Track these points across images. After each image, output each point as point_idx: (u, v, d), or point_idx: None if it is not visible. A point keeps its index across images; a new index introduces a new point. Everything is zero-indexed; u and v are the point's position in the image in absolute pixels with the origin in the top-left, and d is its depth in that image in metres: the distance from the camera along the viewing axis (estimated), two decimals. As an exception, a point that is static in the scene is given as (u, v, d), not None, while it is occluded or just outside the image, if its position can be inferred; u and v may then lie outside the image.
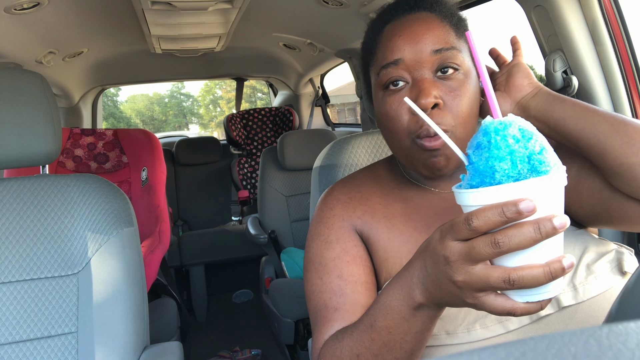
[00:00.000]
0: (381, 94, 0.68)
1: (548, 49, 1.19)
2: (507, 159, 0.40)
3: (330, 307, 0.66)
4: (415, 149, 0.65)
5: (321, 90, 3.28)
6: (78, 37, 2.06)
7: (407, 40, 0.64)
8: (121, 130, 2.12)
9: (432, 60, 0.63)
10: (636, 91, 1.13)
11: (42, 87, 0.99)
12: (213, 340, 2.41)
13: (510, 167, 0.40)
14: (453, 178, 0.72)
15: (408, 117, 0.64)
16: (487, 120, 0.43)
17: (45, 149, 0.98)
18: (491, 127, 0.42)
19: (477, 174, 0.42)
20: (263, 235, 2.11)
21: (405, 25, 0.66)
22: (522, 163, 0.40)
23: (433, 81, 0.63)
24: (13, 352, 0.89)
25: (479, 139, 0.43)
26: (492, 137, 0.42)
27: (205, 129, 26.96)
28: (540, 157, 0.41)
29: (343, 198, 0.75)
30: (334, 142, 1.08)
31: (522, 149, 0.41)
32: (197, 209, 3.18)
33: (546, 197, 0.40)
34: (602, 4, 1.11)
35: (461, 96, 0.63)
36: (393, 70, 0.65)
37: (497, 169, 0.41)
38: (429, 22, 0.65)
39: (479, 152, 0.42)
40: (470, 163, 0.43)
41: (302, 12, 1.97)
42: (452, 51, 0.64)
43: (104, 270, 0.94)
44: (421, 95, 0.61)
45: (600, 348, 0.19)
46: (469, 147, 0.45)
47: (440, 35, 0.64)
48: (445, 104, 0.63)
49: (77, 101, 2.91)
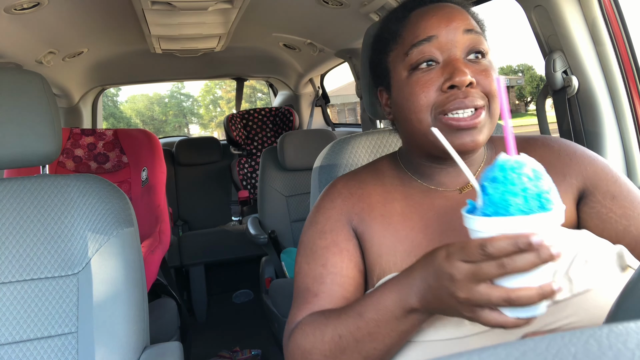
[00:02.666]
0: (406, 74, 0.67)
1: (548, 49, 1.19)
2: (520, 195, 0.46)
3: (312, 291, 0.70)
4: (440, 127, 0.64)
5: (321, 90, 3.28)
6: (78, 37, 2.06)
7: (441, 19, 0.66)
8: (121, 130, 2.12)
9: (464, 41, 0.65)
10: (636, 91, 1.13)
11: (42, 87, 0.99)
12: (213, 340, 2.41)
13: (522, 202, 0.46)
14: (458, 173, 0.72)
15: (434, 95, 0.64)
16: (504, 157, 0.49)
17: (45, 149, 0.98)
18: (507, 164, 0.48)
19: (491, 204, 0.48)
20: (263, 235, 2.11)
21: (436, 8, 0.67)
22: (533, 200, 0.46)
23: (465, 62, 0.65)
24: (13, 352, 0.89)
25: (495, 173, 0.48)
26: (508, 173, 0.47)
27: (205, 129, 26.96)
28: (548, 195, 0.47)
29: (345, 192, 0.76)
30: (334, 142, 1.08)
31: (534, 188, 0.46)
32: (197, 209, 3.17)
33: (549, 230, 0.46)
34: (602, 4, 1.11)
35: (490, 76, 0.65)
36: (426, 47, 0.65)
37: (512, 203, 0.46)
38: (457, 8, 0.68)
39: (495, 186, 0.48)
40: (486, 194, 0.48)
41: (302, 12, 1.97)
42: (480, 36, 0.66)
43: (104, 270, 0.94)
44: (456, 73, 0.62)
45: (600, 348, 0.19)
46: (483, 179, 0.49)
47: (470, 18, 0.67)
48: (478, 83, 0.64)
49: (77, 101, 2.91)
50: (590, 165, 0.71)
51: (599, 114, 1.15)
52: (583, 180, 0.70)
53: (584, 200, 0.70)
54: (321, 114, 3.36)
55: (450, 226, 0.69)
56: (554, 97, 1.22)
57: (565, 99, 1.19)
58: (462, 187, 0.72)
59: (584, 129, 1.18)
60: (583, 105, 1.17)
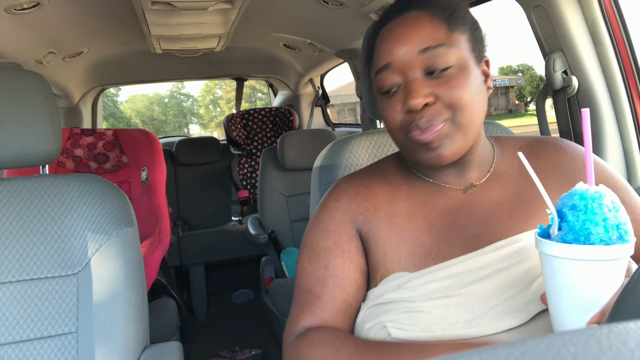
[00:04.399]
0: (379, 96, 0.70)
1: (548, 49, 1.19)
2: (601, 225, 0.47)
3: (314, 293, 0.70)
4: (410, 144, 0.67)
5: (321, 90, 3.28)
6: (78, 37, 2.06)
7: (394, 43, 0.66)
8: (121, 130, 2.12)
9: (420, 61, 0.64)
10: (636, 91, 1.13)
11: (42, 87, 0.99)
12: (213, 340, 2.41)
13: (603, 232, 0.47)
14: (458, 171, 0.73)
15: (401, 117, 0.66)
16: (583, 187, 0.50)
17: (45, 149, 0.98)
18: (588, 194, 0.49)
19: (571, 232, 0.48)
20: (263, 235, 2.11)
21: (394, 28, 0.67)
22: (613, 230, 0.47)
23: (423, 80, 0.64)
24: (13, 352, 0.89)
25: (575, 201, 0.49)
26: (589, 202, 0.48)
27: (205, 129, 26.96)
28: (626, 227, 0.48)
29: (350, 191, 0.76)
30: (334, 142, 1.08)
31: (613, 218, 0.48)
32: (197, 209, 3.17)
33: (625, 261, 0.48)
34: (602, 4, 1.11)
35: (456, 86, 0.63)
36: (385, 75, 0.67)
37: (593, 232, 0.47)
38: (416, 21, 0.66)
39: (575, 213, 0.49)
40: (566, 221, 0.49)
41: (302, 12, 1.97)
42: (440, 48, 0.64)
43: (104, 270, 0.94)
44: (410, 97, 0.63)
45: (600, 348, 0.19)
46: (562, 205, 0.50)
47: (427, 33, 0.64)
48: (439, 98, 0.64)
49: (77, 101, 2.91)
50: (600, 172, 0.71)
51: (598, 114, 1.15)
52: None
53: None
54: (321, 114, 3.36)
55: (454, 226, 0.69)
56: (554, 97, 1.22)
57: (565, 99, 1.19)
58: (466, 187, 0.72)
59: (584, 129, 1.18)
60: (583, 105, 1.17)
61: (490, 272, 0.63)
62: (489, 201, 0.70)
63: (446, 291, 0.63)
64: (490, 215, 0.69)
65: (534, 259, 0.63)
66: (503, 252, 0.64)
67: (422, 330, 0.62)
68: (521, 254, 0.63)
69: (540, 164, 0.73)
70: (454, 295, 0.63)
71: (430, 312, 0.63)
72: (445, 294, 0.63)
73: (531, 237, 0.64)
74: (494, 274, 0.63)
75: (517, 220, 0.67)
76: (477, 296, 0.62)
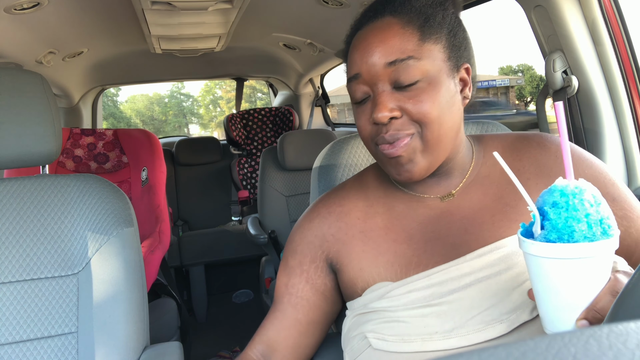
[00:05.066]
0: (352, 105, 0.70)
1: (548, 49, 1.19)
2: (584, 221, 0.47)
3: (276, 302, 0.77)
4: (380, 156, 0.67)
5: (321, 90, 3.28)
6: (78, 37, 2.06)
7: (362, 54, 0.63)
8: (121, 130, 2.12)
9: (387, 73, 0.62)
10: (636, 91, 1.13)
11: (42, 87, 0.99)
12: (213, 340, 2.41)
13: (587, 228, 0.46)
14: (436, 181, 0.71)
15: (370, 127, 0.66)
16: (563, 182, 0.49)
17: (45, 149, 0.97)
18: (568, 190, 0.48)
19: (554, 230, 0.48)
20: (263, 235, 2.11)
21: (363, 37, 0.65)
22: (596, 226, 0.47)
23: (390, 93, 0.62)
24: (13, 352, 0.89)
25: (555, 198, 0.48)
26: (570, 199, 0.47)
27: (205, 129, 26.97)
28: (609, 221, 0.47)
29: (324, 211, 0.76)
30: (334, 142, 1.08)
31: (595, 213, 0.47)
32: (197, 209, 3.17)
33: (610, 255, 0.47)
34: (602, 4, 1.11)
35: (424, 101, 0.61)
36: (354, 85, 0.66)
37: (576, 229, 0.47)
38: (386, 30, 0.62)
39: (557, 211, 0.48)
40: (547, 219, 0.48)
41: (302, 12, 1.97)
42: (409, 61, 0.61)
43: (104, 270, 0.94)
44: (376, 109, 0.62)
45: (600, 348, 0.19)
46: (542, 203, 0.49)
47: (395, 44, 0.61)
48: (405, 112, 0.62)
49: (77, 101, 2.90)
50: (588, 169, 0.69)
51: (598, 114, 1.15)
52: None
53: None
54: (321, 114, 3.36)
55: (434, 235, 0.68)
56: (554, 97, 1.22)
57: (565, 98, 1.19)
58: (444, 195, 0.71)
59: (583, 128, 1.18)
60: (583, 105, 1.17)
61: (471, 281, 0.62)
62: (470, 207, 0.68)
63: (427, 300, 0.62)
64: (472, 222, 0.67)
65: (517, 267, 0.61)
66: (485, 259, 0.62)
67: (402, 341, 0.62)
68: (504, 261, 0.62)
69: (523, 164, 0.70)
70: (434, 304, 0.62)
71: (410, 322, 0.62)
72: (425, 303, 0.62)
73: (514, 243, 0.63)
74: (476, 282, 0.61)
75: (500, 225, 0.65)
76: (458, 305, 0.61)
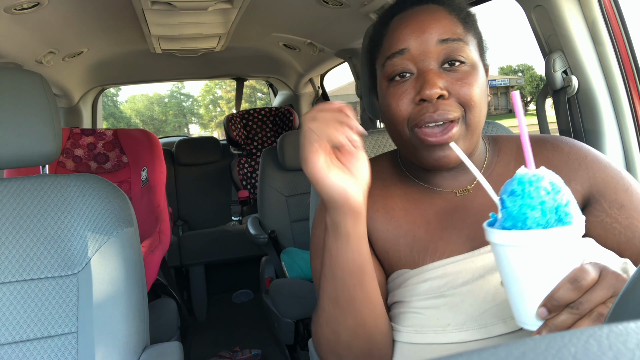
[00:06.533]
0: (385, 84, 0.67)
1: (548, 49, 1.19)
2: (537, 208, 0.46)
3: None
4: (416, 140, 0.65)
5: (321, 90, 3.28)
6: (78, 37, 2.06)
7: (413, 30, 0.64)
8: (121, 130, 2.12)
9: (438, 51, 0.63)
10: (636, 91, 1.13)
11: (42, 87, 0.99)
12: (213, 340, 2.41)
13: (540, 215, 0.46)
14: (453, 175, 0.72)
15: (410, 107, 0.64)
16: (522, 171, 0.49)
17: (45, 149, 0.97)
18: (526, 178, 0.48)
19: (509, 217, 0.48)
20: (263, 235, 2.11)
21: (412, 16, 0.66)
22: (551, 213, 0.46)
23: (438, 72, 0.63)
24: (13, 352, 0.89)
25: (513, 186, 0.49)
26: (526, 187, 0.47)
27: (205, 129, 26.97)
28: (566, 209, 0.47)
29: None
30: (334, 142, 1.08)
31: (551, 201, 0.46)
32: (197, 209, 3.17)
33: (569, 243, 0.46)
34: (602, 4, 1.11)
35: (468, 85, 0.63)
36: (398, 60, 0.64)
37: (529, 216, 0.46)
38: (436, 13, 0.65)
39: (513, 199, 0.48)
40: (504, 207, 0.49)
41: (302, 12, 1.97)
42: (459, 43, 0.63)
43: (104, 270, 0.94)
44: (426, 86, 0.61)
45: (600, 348, 0.19)
46: (502, 192, 0.50)
47: (447, 25, 0.64)
48: (452, 93, 0.63)
49: (77, 101, 2.90)
50: (600, 172, 0.69)
51: (598, 114, 1.15)
52: (589, 187, 0.68)
53: (588, 208, 0.68)
54: (321, 114, 3.35)
55: (450, 224, 0.69)
56: (554, 97, 1.22)
57: (565, 98, 1.19)
58: (459, 190, 0.72)
59: (583, 128, 1.18)
60: (583, 105, 1.17)
61: (485, 274, 0.62)
62: (484, 203, 0.68)
63: (440, 290, 0.63)
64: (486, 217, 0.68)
65: None
66: None
67: (415, 332, 0.62)
68: None
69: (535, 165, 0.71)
70: (448, 295, 0.62)
71: (424, 313, 0.63)
72: (439, 293, 0.63)
73: None
74: (489, 276, 0.62)
75: None
76: (471, 298, 0.61)
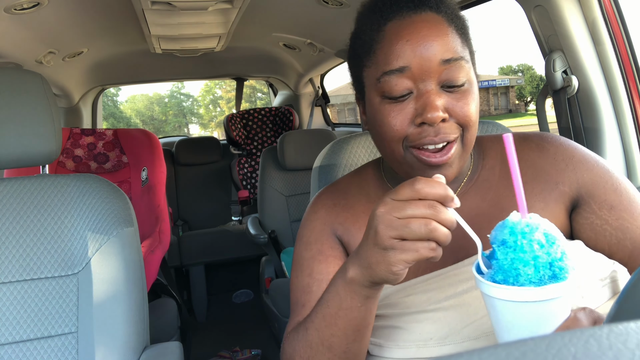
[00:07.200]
0: (378, 99, 0.63)
1: (548, 49, 1.19)
2: (531, 264, 0.44)
3: (300, 303, 0.71)
4: (412, 159, 0.62)
5: (321, 90, 3.28)
6: (78, 37, 2.06)
7: (415, 46, 0.58)
8: (121, 130, 2.12)
9: (439, 71, 0.59)
10: (636, 91, 1.13)
11: (42, 87, 0.99)
12: (213, 340, 2.41)
13: (533, 272, 0.44)
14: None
15: (409, 128, 0.61)
16: (515, 219, 0.46)
17: (45, 149, 0.98)
18: (518, 228, 0.46)
19: (501, 271, 0.46)
20: (263, 235, 2.11)
21: (412, 26, 0.59)
22: (545, 269, 0.44)
23: (439, 92, 0.59)
24: (13, 352, 0.89)
25: (505, 236, 0.46)
26: (518, 239, 0.45)
27: (205, 129, 26.98)
28: (561, 263, 0.44)
29: (329, 203, 0.76)
30: (333, 142, 1.08)
31: (545, 255, 0.44)
32: (197, 209, 3.17)
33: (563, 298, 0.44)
34: (602, 4, 1.11)
35: (467, 105, 0.60)
36: (397, 79, 0.59)
37: (521, 273, 0.44)
38: (437, 25, 0.60)
39: (505, 250, 0.46)
40: (495, 258, 0.47)
41: (302, 12, 1.97)
42: (460, 62, 0.59)
43: (104, 270, 0.94)
44: (428, 109, 0.58)
45: (600, 348, 0.19)
46: (493, 240, 0.47)
47: (448, 43, 0.59)
48: (452, 115, 0.60)
49: (77, 101, 2.90)
50: (588, 172, 0.66)
51: (598, 114, 1.15)
52: (578, 189, 0.66)
53: (577, 210, 0.66)
54: (321, 114, 3.36)
55: None
56: (554, 97, 1.22)
57: (565, 98, 1.19)
58: None
59: (583, 128, 1.18)
60: (583, 105, 1.17)
61: (468, 288, 0.61)
62: (468, 213, 0.66)
63: (423, 305, 0.62)
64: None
65: None
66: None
67: (397, 347, 0.62)
68: None
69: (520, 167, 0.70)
70: (430, 310, 0.61)
71: (407, 327, 0.62)
72: (422, 308, 0.62)
73: None
74: (473, 289, 0.61)
75: None
76: (454, 312, 0.60)
